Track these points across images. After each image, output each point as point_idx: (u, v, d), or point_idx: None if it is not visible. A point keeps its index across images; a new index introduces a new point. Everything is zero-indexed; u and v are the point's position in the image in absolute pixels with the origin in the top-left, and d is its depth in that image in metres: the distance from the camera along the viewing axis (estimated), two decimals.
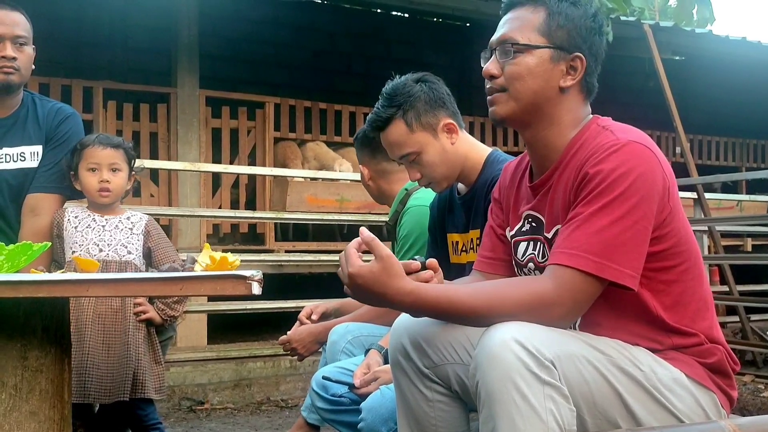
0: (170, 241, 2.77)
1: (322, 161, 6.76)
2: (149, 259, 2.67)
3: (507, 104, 1.70)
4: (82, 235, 2.59)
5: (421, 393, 1.72)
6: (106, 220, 2.64)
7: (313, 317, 2.72)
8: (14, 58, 2.62)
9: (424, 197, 2.61)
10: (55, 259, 2.63)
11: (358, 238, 1.58)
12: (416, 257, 1.66)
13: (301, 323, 2.71)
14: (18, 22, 2.66)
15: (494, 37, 1.73)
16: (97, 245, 2.57)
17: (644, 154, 1.56)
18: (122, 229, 2.63)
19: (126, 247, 2.60)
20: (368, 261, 1.54)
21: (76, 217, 2.64)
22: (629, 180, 1.52)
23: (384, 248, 1.53)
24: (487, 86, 1.73)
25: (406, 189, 2.71)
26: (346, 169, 6.48)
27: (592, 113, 1.74)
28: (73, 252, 2.58)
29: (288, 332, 2.70)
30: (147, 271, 2.71)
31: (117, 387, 2.46)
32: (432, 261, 1.67)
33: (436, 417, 1.71)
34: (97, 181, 2.60)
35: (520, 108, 1.69)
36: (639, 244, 1.53)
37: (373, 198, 2.89)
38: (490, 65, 1.71)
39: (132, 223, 2.66)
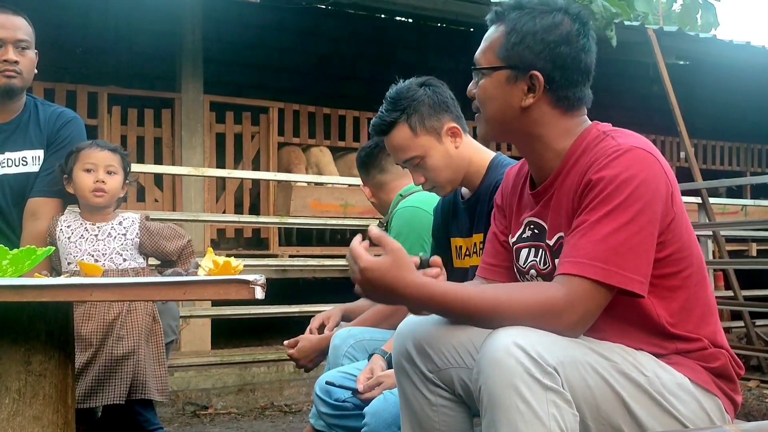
0: (171, 227, 2.70)
1: (321, 167, 6.76)
2: (161, 255, 2.65)
3: (482, 126, 1.74)
4: (76, 246, 2.57)
5: (425, 397, 1.71)
6: (98, 228, 2.60)
7: (326, 332, 2.70)
8: (16, 62, 2.63)
9: (414, 199, 2.63)
10: (53, 266, 2.61)
11: (359, 236, 1.58)
12: (420, 254, 1.66)
13: (311, 333, 2.70)
14: (20, 26, 2.67)
15: None
16: (92, 255, 2.55)
17: (647, 159, 1.55)
18: (115, 237, 2.59)
19: (121, 255, 2.58)
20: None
21: (68, 226, 2.61)
22: (632, 186, 1.51)
23: (394, 242, 1.53)
24: (473, 105, 1.76)
25: (401, 194, 2.74)
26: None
27: (596, 119, 1.73)
28: (69, 263, 2.56)
29: (293, 340, 2.69)
30: (156, 267, 2.71)
31: (109, 390, 2.42)
32: (436, 258, 1.67)
33: (440, 421, 1.71)
34: (93, 181, 2.57)
35: (492, 129, 1.73)
36: (646, 249, 1.52)
37: (381, 213, 2.91)
38: (470, 86, 1.75)
39: (125, 228, 2.62)
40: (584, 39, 1.66)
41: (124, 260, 2.58)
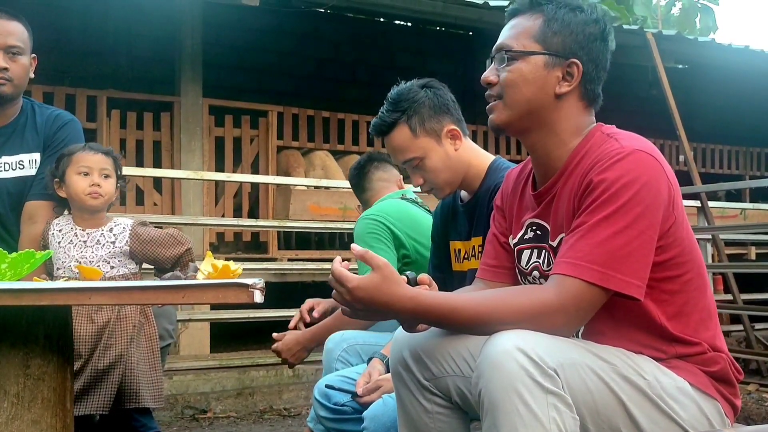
0: (170, 234, 2.63)
1: (329, 173, 6.75)
2: (155, 262, 2.63)
3: (503, 112, 1.69)
4: (65, 252, 2.55)
5: (421, 405, 1.71)
6: (87, 234, 2.57)
7: (315, 315, 2.71)
8: (6, 69, 2.60)
9: (375, 207, 2.75)
10: (48, 271, 2.58)
11: (338, 258, 1.58)
12: (407, 272, 1.65)
13: (302, 316, 2.71)
14: (12, 32, 2.62)
15: (496, 44, 1.73)
16: (79, 262, 2.51)
17: (649, 162, 1.55)
18: (104, 244, 2.56)
19: (108, 262, 2.55)
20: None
21: (60, 230, 2.59)
22: (634, 189, 1.51)
23: (380, 258, 1.53)
24: (486, 93, 1.73)
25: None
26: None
27: (595, 121, 1.73)
28: (58, 268, 2.55)
29: (281, 334, 2.71)
30: (155, 272, 2.68)
31: (91, 400, 2.39)
32: (423, 276, 1.67)
33: (436, 428, 1.71)
34: (88, 184, 2.54)
35: (516, 115, 1.68)
36: (645, 254, 1.52)
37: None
38: (487, 72, 1.71)
39: (114, 235, 2.58)
40: (611, 39, 1.70)
41: (112, 267, 2.55)
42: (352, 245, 1.61)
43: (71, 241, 2.57)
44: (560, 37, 1.65)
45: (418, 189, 2.36)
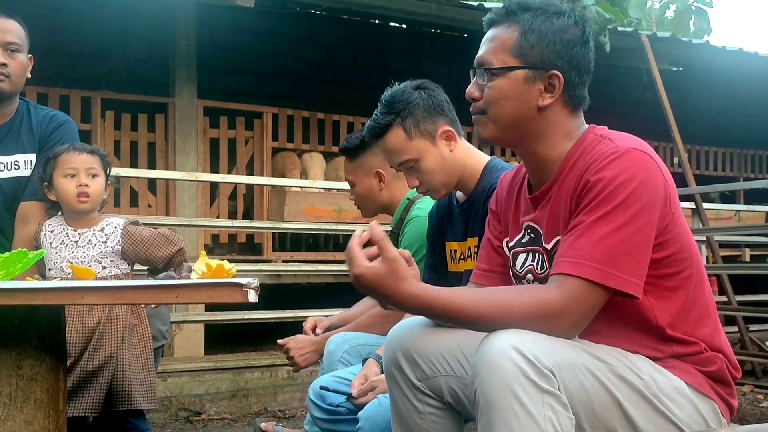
0: (161, 234, 2.62)
1: (311, 175, 6.74)
2: (147, 263, 2.62)
3: (488, 127, 1.71)
4: (57, 253, 2.53)
5: (413, 406, 1.71)
6: (79, 234, 2.55)
7: (318, 331, 2.71)
8: (4, 64, 2.61)
9: (426, 207, 2.60)
10: (40, 271, 2.57)
11: (360, 231, 1.56)
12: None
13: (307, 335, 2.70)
14: (10, 29, 2.64)
15: (477, 56, 1.72)
16: (71, 262, 2.50)
17: (645, 161, 1.55)
18: (96, 244, 2.55)
19: (100, 262, 2.53)
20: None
21: (52, 231, 2.58)
22: (631, 187, 1.51)
23: (392, 250, 1.51)
24: (471, 108, 1.73)
25: (408, 198, 2.70)
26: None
27: (589, 123, 1.73)
28: (50, 269, 2.54)
29: (287, 340, 2.68)
30: (148, 272, 2.67)
31: (79, 402, 2.37)
32: (403, 252, 1.65)
33: (428, 429, 1.71)
34: (75, 185, 2.52)
35: (501, 130, 1.69)
36: (642, 251, 1.52)
37: (373, 210, 2.81)
38: (471, 87, 1.72)
39: (106, 235, 2.57)
40: (591, 41, 1.70)
41: (104, 267, 2.54)
42: (372, 224, 1.56)
43: (63, 241, 2.55)
44: (538, 49, 1.64)
45: None
